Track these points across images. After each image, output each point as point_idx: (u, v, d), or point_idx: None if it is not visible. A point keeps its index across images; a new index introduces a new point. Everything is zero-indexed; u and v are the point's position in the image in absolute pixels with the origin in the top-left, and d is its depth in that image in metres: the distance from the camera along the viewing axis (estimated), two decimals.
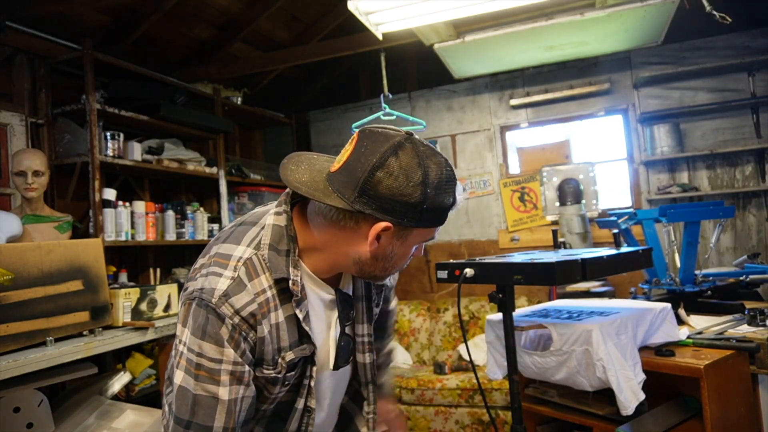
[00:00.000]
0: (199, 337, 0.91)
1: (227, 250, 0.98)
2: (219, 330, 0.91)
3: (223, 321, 0.91)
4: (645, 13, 2.98)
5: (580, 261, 1.36)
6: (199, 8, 3.65)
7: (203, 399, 0.91)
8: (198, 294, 0.93)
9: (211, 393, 0.91)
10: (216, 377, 0.91)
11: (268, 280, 0.96)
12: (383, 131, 0.92)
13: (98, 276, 2.36)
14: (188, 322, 0.93)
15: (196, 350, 0.91)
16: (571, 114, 4.31)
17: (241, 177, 4.27)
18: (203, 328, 0.91)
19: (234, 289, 0.93)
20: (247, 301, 0.93)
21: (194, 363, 0.91)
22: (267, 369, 0.97)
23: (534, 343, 1.81)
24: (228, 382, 0.92)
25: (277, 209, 1.01)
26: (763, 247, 3.79)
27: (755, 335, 1.75)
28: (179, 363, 0.93)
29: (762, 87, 3.76)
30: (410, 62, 4.82)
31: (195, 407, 0.91)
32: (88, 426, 2.26)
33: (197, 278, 0.96)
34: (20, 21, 3.04)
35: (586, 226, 3.90)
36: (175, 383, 0.93)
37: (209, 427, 0.91)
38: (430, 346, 4.28)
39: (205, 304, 0.92)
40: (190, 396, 0.91)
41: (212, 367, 0.91)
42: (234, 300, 0.92)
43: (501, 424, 3.41)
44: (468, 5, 2.70)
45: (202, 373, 0.91)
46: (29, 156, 2.69)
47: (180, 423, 0.92)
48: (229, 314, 0.91)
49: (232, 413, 0.92)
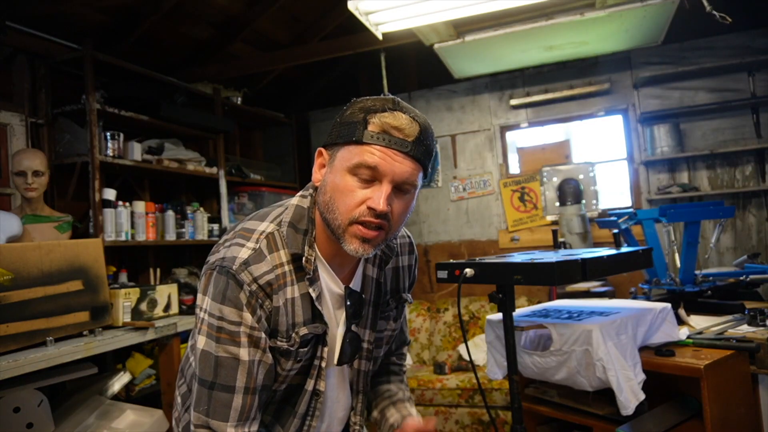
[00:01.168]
0: (220, 302, 0.96)
1: (252, 226, 1.04)
2: (238, 294, 0.96)
3: (241, 287, 0.96)
4: (645, 13, 2.98)
5: (580, 261, 1.36)
6: (199, 8, 3.64)
7: (225, 360, 0.96)
8: (219, 263, 0.98)
9: (233, 354, 0.96)
10: (237, 339, 0.96)
11: (287, 255, 1.01)
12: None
13: (98, 276, 2.36)
14: (209, 289, 0.98)
15: (217, 314, 0.96)
16: (571, 114, 4.31)
17: (241, 177, 4.27)
18: (223, 293, 0.96)
19: (254, 258, 0.98)
20: (265, 270, 0.98)
21: (215, 326, 0.96)
22: (281, 341, 1.01)
23: (534, 343, 1.81)
24: (247, 343, 0.96)
25: (303, 192, 1.08)
26: (763, 247, 3.79)
27: (755, 335, 1.75)
28: (201, 329, 0.98)
29: (762, 87, 3.76)
30: (410, 62, 4.82)
31: (218, 368, 0.96)
32: (88, 426, 2.26)
33: (220, 250, 1.01)
34: (20, 21, 3.04)
35: (586, 226, 3.90)
36: (198, 348, 0.98)
37: (231, 387, 0.96)
38: (430, 346, 4.28)
39: (226, 270, 0.97)
40: (212, 358, 0.96)
41: (232, 330, 0.96)
42: (253, 268, 0.97)
43: (501, 424, 3.41)
44: (468, 5, 2.70)
45: (224, 336, 0.96)
46: (29, 156, 2.69)
47: (204, 384, 0.97)
48: (247, 281, 0.96)
49: (252, 375, 0.97)
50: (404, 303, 1.22)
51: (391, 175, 0.95)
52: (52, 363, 2.06)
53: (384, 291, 1.16)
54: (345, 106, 1.01)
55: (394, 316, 1.21)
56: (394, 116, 0.95)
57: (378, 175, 0.96)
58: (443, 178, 4.67)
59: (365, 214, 0.96)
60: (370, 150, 0.95)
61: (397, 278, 1.21)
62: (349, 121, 0.97)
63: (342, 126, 0.98)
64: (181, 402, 1.16)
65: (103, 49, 3.25)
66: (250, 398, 0.97)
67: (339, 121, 1.00)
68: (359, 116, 0.96)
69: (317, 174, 1.04)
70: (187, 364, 1.13)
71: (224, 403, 0.96)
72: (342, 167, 0.97)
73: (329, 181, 0.99)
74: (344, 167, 0.97)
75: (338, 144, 0.99)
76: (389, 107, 0.96)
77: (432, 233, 4.72)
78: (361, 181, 0.96)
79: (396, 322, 1.22)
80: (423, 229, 4.74)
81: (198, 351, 0.98)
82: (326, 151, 1.02)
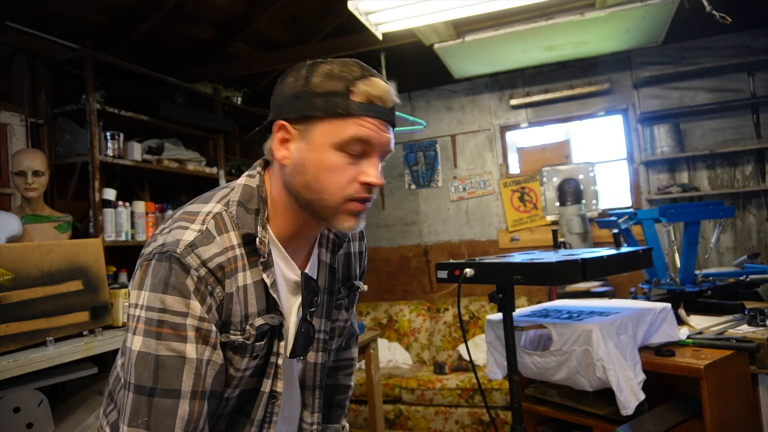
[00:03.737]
0: (161, 291, 0.83)
1: (195, 208, 0.93)
2: (184, 280, 0.84)
3: (188, 272, 0.84)
4: (645, 13, 2.98)
5: (580, 261, 1.37)
6: (199, 8, 3.64)
7: (168, 360, 0.82)
8: (158, 250, 0.86)
9: (177, 351, 0.82)
10: (182, 332, 0.83)
11: (237, 238, 0.90)
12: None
13: (98, 276, 2.36)
14: (145, 282, 0.85)
15: (158, 306, 0.83)
16: (571, 114, 4.31)
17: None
18: (165, 281, 0.83)
19: (201, 240, 0.87)
20: (216, 252, 0.87)
21: (155, 321, 0.83)
22: (234, 333, 0.89)
23: (534, 343, 1.81)
24: (194, 339, 0.83)
25: (250, 172, 0.98)
26: (763, 247, 3.79)
27: (755, 335, 1.75)
28: (135, 329, 0.84)
29: (762, 87, 3.76)
30: (410, 62, 4.82)
31: (158, 371, 0.81)
32: (88, 426, 2.26)
33: (157, 239, 0.89)
34: (20, 21, 3.04)
35: (586, 226, 3.90)
36: (132, 351, 0.83)
37: (176, 390, 0.81)
38: (430, 346, 4.28)
39: (167, 255, 0.84)
40: (152, 359, 0.81)
41: (177, 322, 0.83)
42: (201, 251, 0.86)
43: (501, 424, 3.41)
44: (468, 5, 2.70)
45: (166, 330, 0.82)
46: (29, 156, 2.69)
47: (142, 392, 0.81)
48: (194, 265, 0.85)
49: (200, 376, 0.83)
50: (356, 291, 1.15)
51: (380, 146, 0.91)
52: (52, 363, 2.06)
53: (337, 278, 1.08)
54: (297, 71, 0.91)
55: (346, 305, 1.13)
56: (373, 84, 0.88)
57: (369, 149, 0.90)
58: (443, 178, 4.68)
59: (360, 190, 0.90)
60: (360, 122, 0.87)
61: (349, 265, 1.13)
62: (325, 92, 0.87)
63: (315, 96, 0.87)
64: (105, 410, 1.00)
65: (103, 49, 3.25)
66: (198, 405, 0.83)
67: (307, 90, 0.87)
68: (338, 86, 0.87)
69: (282, 151, 0.91)
70: (118, 387, 0.96)
71: (168, 411, 0.81)
72: (326, 143, 0.88)
73: (309, 159, 0.89)
74: (329, 143, 0.88)
75: (314, 117, 0.88)
76: (365, 74, 0.89)
77: (432, 233, 4.72)
78: (350, 156, 0.89)
79: (348, 311, 1.14)
80: (423, 229, 4.74)
81: (133, 354, 0.83)
82: (291, 125, 0.90)
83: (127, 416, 0.82)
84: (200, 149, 4.02)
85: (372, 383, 2.76)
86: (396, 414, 3.73)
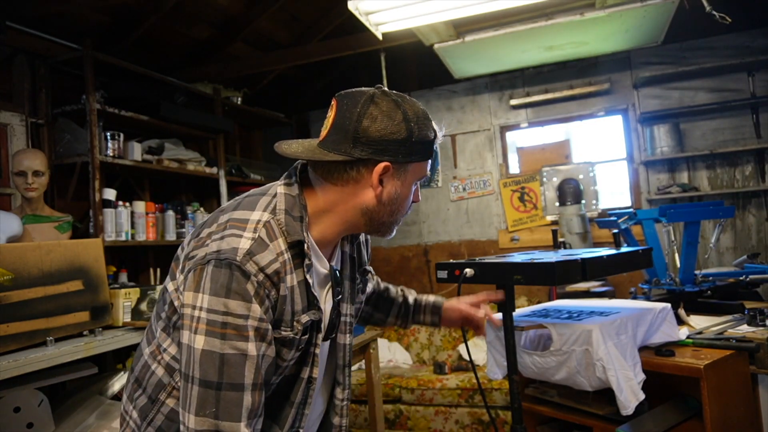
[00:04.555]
0: (224, 296, 0.92)
1: (242, 216, 1.01)
2: (245, 286, 0.93)
3: (248, 278, 0.93)
4: (645, 13, 2.98)
5: (580, 261, 1.36)
6: (198, 8, 3.64)
7: (232, 357, 0.92)
8: (214, 256, 0.94)
9: (240, 350, 0.92)
10: (244, 333, 0.92)
11: (285, 244, 1.00)
12: (356, 89, 1.03)
13: (98, 276, 2.36)
14: (204, 285, 0.93)
15: (222, 309, 0.92)
16: (571, 114, 4.32)
17: (241, 177, 4.27)
18: (227, 286, 0.92)
19: (257, 248, 0.96)
20: (271, 259, 0.97)
21: (219, 323, 0.92)
22: (285, 330, 1.00)
23: (534, 343, 1.81)
24: (254, 338, 0.94)
25: (286, 181, 1.08)
26: (763, 247, 3.79)
27: (755, 335, 1.75)
28: (197, 328, 0.92)
29: (762, 87, 3.77)
30: (410, 62, 4.82)
31: (223, 367, 0.91)
32: (88, 426, 2.26)
33: (208, 244, 0.97)
34: (20, 21, 3.04)
35: (586, 226, 3.90)
36: (195, 348, 0.92)
37: (240, 384, 0.92)
38: (430, 346, 4.28)
39: (227, 263, 0.93)
40: (217, 357, 0.91)
41: (240, 324, 0.92)
42: (258, 258, 0.95)
43: (501, 424, 3.41)
44: (468, 5, 2.71)
45: (230, 332, 0.92)
46: (29, 156, 2.69)
47: (209, 386, 0.91)
48: (254, 271, 0.94)
49: (259, 370, 0.94)
50: (368, 274, 1.30)
51: None
52: (52, 363, 2.06)
53: (355, 264, 1.22)
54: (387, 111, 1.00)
55: (362, 288, 1.26)
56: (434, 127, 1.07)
57: None
58: (443, 178, 4.68)
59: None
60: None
61: (360, 252, 1.26)
62: (425, 140, 1.04)
63: (418, 144, 1.03)
64: (139, 417, 1.07)
65: (103, 49, 3.25)
66: (258, 395, 0.95)
67: (413, 140, 1.02)
68: (431, 135, 1.06)
69: (378, 187, 1.04)
70: (148, 373, 1.07)
71: (235, 402, 0.92)
72: (414, 179, 1.08)
73: (402, 193, 1.07)
74: (415, 179, 1.09)
75: (412, 161, 1.05)
76: (428, 115, 1.06)
77: (432, 233, 4.72)
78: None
79: (363, 294, 1.28)
80: (423, 229, 4.74)
81: (195, 352, 0.92)
82: (392, 166, 1.03)
83: (193, 407, 0.92)
84: (200, 149, 4.02)
85: (372, 383, 2.76)
86: (396, 414, 3.73)
